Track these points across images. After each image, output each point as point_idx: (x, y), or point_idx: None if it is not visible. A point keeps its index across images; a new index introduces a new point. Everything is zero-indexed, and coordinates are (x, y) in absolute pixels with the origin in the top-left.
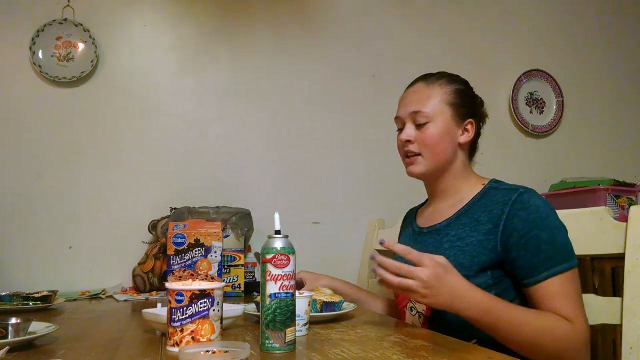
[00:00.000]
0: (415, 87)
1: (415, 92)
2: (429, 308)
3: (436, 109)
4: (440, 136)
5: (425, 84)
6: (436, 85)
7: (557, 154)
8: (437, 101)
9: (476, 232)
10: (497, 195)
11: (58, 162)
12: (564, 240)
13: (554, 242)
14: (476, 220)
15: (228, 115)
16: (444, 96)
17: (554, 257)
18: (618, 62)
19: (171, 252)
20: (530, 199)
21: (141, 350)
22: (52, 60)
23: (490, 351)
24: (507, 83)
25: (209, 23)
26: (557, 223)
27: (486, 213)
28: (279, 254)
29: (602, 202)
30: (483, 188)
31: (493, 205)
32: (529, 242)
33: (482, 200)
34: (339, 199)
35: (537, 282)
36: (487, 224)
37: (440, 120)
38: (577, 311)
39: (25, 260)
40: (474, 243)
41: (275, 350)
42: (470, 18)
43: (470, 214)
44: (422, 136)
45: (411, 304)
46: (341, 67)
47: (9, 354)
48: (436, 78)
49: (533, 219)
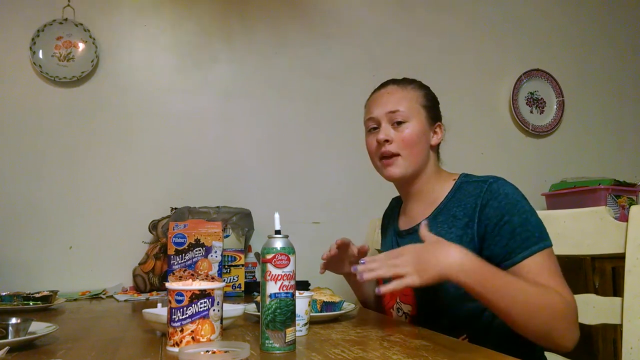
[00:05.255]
0: (387, 88)
1: (390, 93)
2: (415, 308)
3: (413, 109)
4: (418, 136)
5: (397, 86)
6: (409, 88)
7: (557, 154)
8: (413, 102)
9: (454, 227)
10: (469, 188)
11: (58, 161)
12: (536, 222)
13: (526, 224)
14: (452, 216)
15: (228, 115)
16: (418, 98)
17: (529, 238)
18: (618, 62)
19: (171, 251)
20: (499, 187)
21: (141, 350)
22: (52, 60)
23: (490, 351)
24: (507, 83)
25: (208, 23)
26: (527, 207)
27: (461, 208)
28: (279, 254)
29: (603, 201)
30: (454, 183)
31: (466, 199)
32: (503, 228)
33: (455, 195)
34: (339, 199)
35: (516, 262)
36: (464, 218)
37: (416, 120)
38: (562, 285)
39: (25, 260)
40: (453, 239)
41: (275, 350)
42: (471, 18)
43: (446, 211)
44: (400, 135)
45: (397, 304)
46: (341, 67)
47: (9, 354)
48: (407, 82)
49: (504, 206)
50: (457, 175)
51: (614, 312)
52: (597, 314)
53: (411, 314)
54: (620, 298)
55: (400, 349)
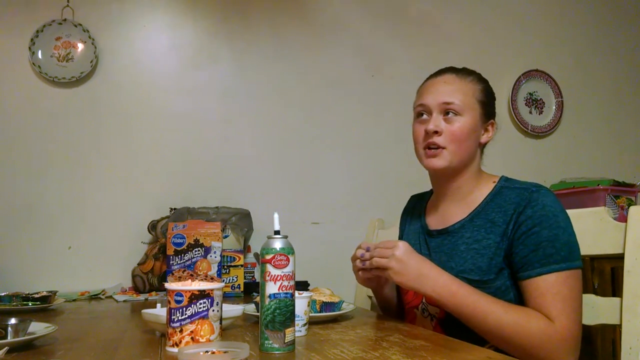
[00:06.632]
0: (445, 76)
1: (447, 82)
2: (443, 310)
3: (468, 103)
4: (469, 132)
5: (456, 76)
6: (467, 80)
7: (556, 154)
8: (469, 96)
9: (492, 233)
10: (511, 195)
11: (57, 162)
12: (567, 241)
13: (555, 240)
14: (490, 221)
15: (227, 116)
16: (475, 92)
17: (552, 255)
18: (617, 62)
19: (170, 252)
20: (540, 197)
21: (140, 350)
22: (51, 60)
23: (489, 351)
24: (507, 83)
25: (208, 23)
26: (563, 223)
27: (500, 214)
28: (278, 254)
29: (602, 202)
30: (494, 187)
31: (507, 205)
32: (529, 238)
33: (494, 199)
34: (339, 199)
35: (529, 277)
36: (502, 225)
37: (470, 115)
38: (564, 311)
39: (24, 260)
40: (491, 245)
41: (274, 350)
42: (470, 18)
43: (484, 215)
44: (451, 129)
45: (423, 305)
46: (341, 67)
47: (8, 354)
48: (466, 73)
49: (538, 216)
50: (497, 178)
51: (613, 312)
52: (596, 314)
53: (438, 317)
54: (620, 298)
55: (399, 349)
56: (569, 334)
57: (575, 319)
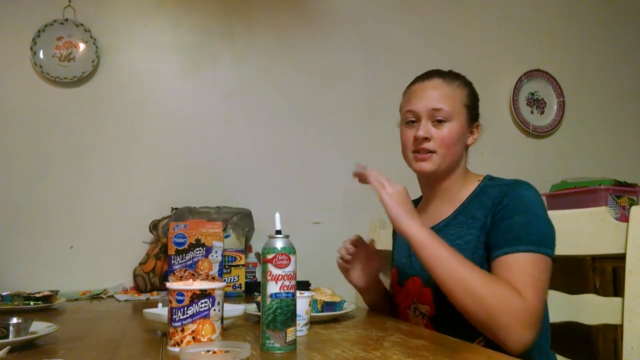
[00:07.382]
0: (432, 81)
1: (435, 87)
2: (432, 308)
3: (456, 109)
4: (457, 137)
5: (443, 81)
6: (455, 86)
7: (557, 154)
8: (457, 102)
9: (473, 228)
10: (492, 192)
11: (58, 162)
12: (541, 228)
13: (527, 226)
14: (472, 217)
15: (229, 116)
16: (462, 97)
17: (521, 237)
18: (618, 62)
19: (172, 251)
20: (517, 189)
21: (142, 350)
22: (52, 60)
23: (490, 351)
24: (508, 83)
25: (209, 23)
26: (540, 213)
27: (481, 209)
28: (280, 254)
29: (603, 202)
30: (478, 185)
31: (487, 201)
32: (502, 222)
33: (478, 197)
34: (339, 199)
35: (497, 256)
36: (482, 219)
37: (458, 121)
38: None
39: (26, 259)
40: (472, 239)
41: (275, 350)
42: (471, 18)
43: (467, 212)
44: (440, 134)
45: (414, 304)
46: (341, 67)
47: (10, 354)
48: (453, 77)
49: (513, 204)
50: (481, 177)
51: (614, 312)
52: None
53: (429, 315)
54: (621, 298)
55: (400, 349)
56: (533, 307)
57: (540, 297)
